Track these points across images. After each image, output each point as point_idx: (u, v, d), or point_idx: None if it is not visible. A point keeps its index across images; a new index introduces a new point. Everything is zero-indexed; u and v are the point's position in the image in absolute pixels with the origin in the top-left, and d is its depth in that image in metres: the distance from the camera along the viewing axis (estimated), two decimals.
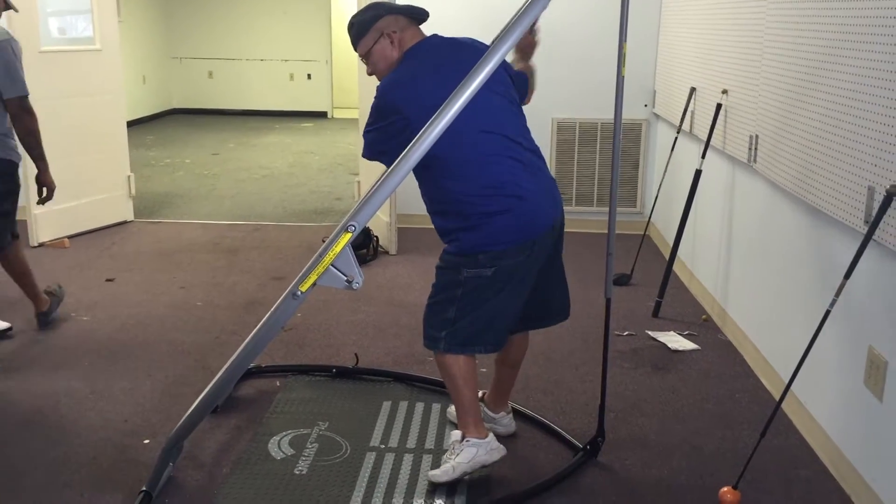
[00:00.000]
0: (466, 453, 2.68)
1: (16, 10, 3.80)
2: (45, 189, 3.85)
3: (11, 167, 3.74)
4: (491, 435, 2.75)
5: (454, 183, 2.57)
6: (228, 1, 12.40)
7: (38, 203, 3.96)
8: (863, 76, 2.58)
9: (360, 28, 2.67)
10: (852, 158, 2.64)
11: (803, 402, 3.08)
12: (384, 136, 2.61)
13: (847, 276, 2.46)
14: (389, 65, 2.67)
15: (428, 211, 2.70)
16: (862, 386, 2.64)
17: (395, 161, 2.37)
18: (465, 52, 2.60)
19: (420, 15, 2.71)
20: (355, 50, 2.72)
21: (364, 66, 2.79)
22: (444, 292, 2.65)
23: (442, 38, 2.71)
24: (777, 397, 3.06)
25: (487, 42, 2.69)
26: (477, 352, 2.68)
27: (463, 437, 2.70)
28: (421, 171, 2.55)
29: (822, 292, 2.87)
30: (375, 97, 2.62)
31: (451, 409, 3.12)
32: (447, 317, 2.63)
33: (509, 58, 2.78)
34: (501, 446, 2.75)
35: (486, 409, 2.99)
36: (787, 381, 2.66)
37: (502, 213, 2.54)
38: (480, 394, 3.10)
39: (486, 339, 2.66)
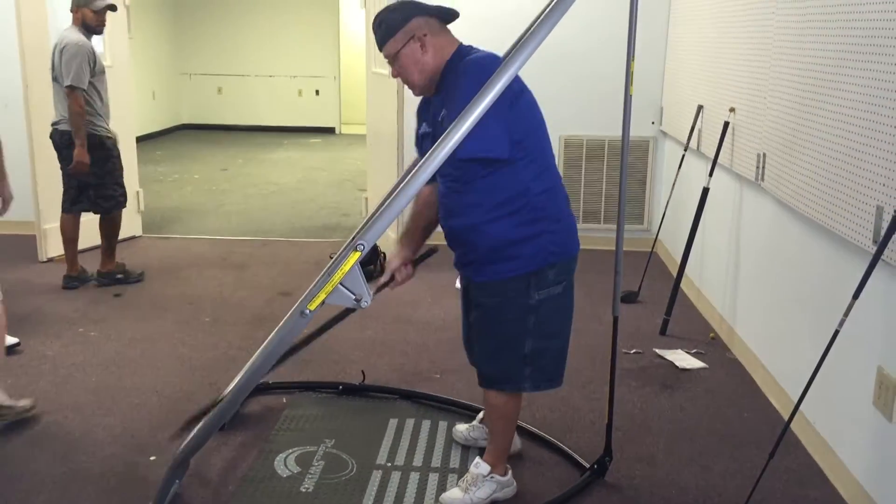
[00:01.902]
0: (487, 489, 2.67)
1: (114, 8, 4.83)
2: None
3: (94, 139, 4.73)
4: (510, 473, 2.75)
5: (533, 180, 2.41)
6: (238, 18, 12.49)
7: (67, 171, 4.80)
8: (870, 95, 2.59)
9: (388, 28, 2.46)
10: (860, 178, 2.64)
11: (812, 421, 3.06)
12: (520, 116, 2.38)
13: (856, 296, 2.45)
14: (422, 72, 2.46)
15: (478, 223, 2.43)
16: (871, 406, 2.63)
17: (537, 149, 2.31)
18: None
19: (450, 16, 2.52)
20: (381, 50, 2.53)
21: (373, 83, 2.78)
22: (514, 327, 2.48)
23: (469, 46, 2.53)
24: (786, 417, 3.04)
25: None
26: (558, 385, 2.63)
27: (489, 473, 2.69)
28: (487, 168, 2.34)
29: (831, 312, 2.86)
30: (487, 75, 2.20)
31: (458, 428, 3.11)
32: (525, 352, 2.49)
33: None
34: (515, 484, 2.76)
35: (486, 428, 2.96)
36: (795, 401, 2.64)
37: (566, 219, 2.51)
38: (481, 415, 3.10)
39: (563, 369, 2.61)
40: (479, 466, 2.70)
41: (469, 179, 2.42)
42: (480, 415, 3.10)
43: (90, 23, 4.72)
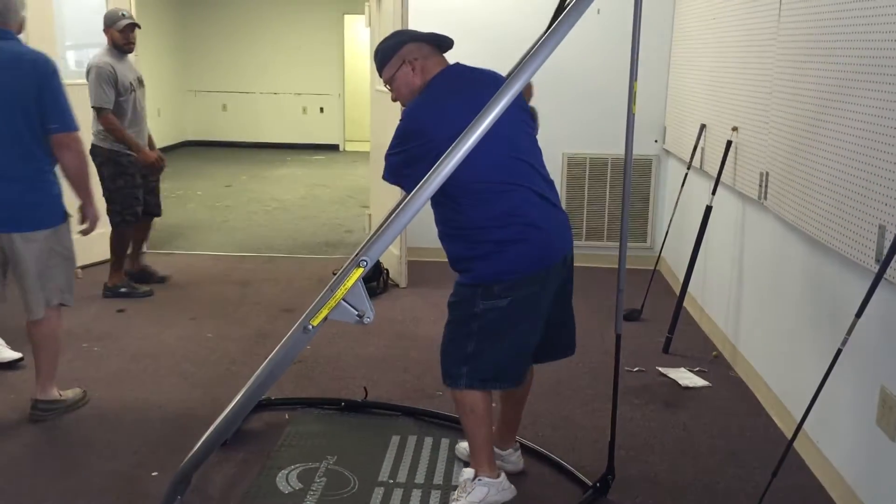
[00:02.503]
0: (478, 492, 2.66)
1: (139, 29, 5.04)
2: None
3: (109, 153, 4.89)
4: (503, 475, 2.73)
5: (472, 209, 2.56)
6: (243, 35, 12.58)
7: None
8: (873, 115, 2.60)
9: (383, 55, 2.72)
10: (863, 197, 2.65)
11: (815, 441, 3.05)
12: (408, 160, 2.60)
13: (858, 314, 2.45)
14: (412, 91, 2.69)
15: (440, 236, 2.70)
16: (874, 425, 2.62)
17: (415, 186, 2.37)
18: (487, 81, 2.63)
19: (444, 43, 2.73)
20: (380, 76, 2.78)
21: (377, 100, 2.84)
22: (461, 327, 2.63)
23: (464, 66, 2.74)
24: (789, 436, 3.03)
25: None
26: (498, 388, 2.67)
27: (475, 476, 2.68)
28: (438, 195, 2.48)
29: (834, 330, 2.86)
30: (401, 120, 2.65)
31: (460, 445, 3.10)
32: (466, 352, 2.61)
33: None
34: (512, 486, 2.74)
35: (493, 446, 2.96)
36: (798, 420, 2.64)
37: (518, 242, 2.54)
38: None
39: (507, 375, 2.64)
40: (464, 473, 2.73)
41: (433, 198, 2.53)
42: None
43: (118, 42, 4.91)
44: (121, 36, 4.89)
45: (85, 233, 3.52)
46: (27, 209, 3.24)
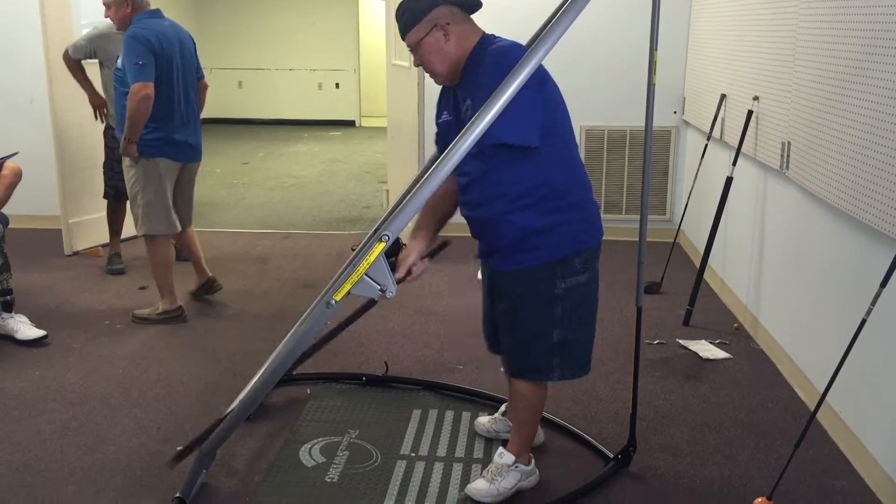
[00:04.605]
0: (512, 478, 2.67)
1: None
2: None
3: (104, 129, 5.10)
4: (533, 462, 2.76)
5: (557, 171, 2.42)
6: (258, 12, 12.53)
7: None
8: None
9: (411, 17, 2.45)
10: (888, 165, 2.61)
11: (839, 412, 3.04)
12: (546, 104, 2.38)
13: (883, 284, 2.43)
14: (445, 59, 2.45)
15: (502, 213, 2.44)
16: None
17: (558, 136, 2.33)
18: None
19: (474, 5, 2.51)
20: (403, 39, 2.51)
21: (393, 75, 2.77)
22: (541, 317, 2.49)
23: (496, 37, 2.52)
24: (811, 407, 3.02)
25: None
26: (587, 373, 2.65)
27: (514, 462, 2.69)
28: (512, 157, 2.34)
29: (858, 301, 2.83)
30: (512, 64, 2.24)
31: (479, 420, 3.11)
32: (553, 342, 2.50)
33: None
34: (538, 473, 2.77)
35: (510, 420, 2.94)
36: (821, 391, 2.63)
37: (591, 207, 2.52)
38: (503, 407, 3.10)
39: (591, 356, 2.63)
40: (504, 456, 2.70)
41: (492, 168, 2.42)
42: (503, 407, 3.11)
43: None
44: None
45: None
46: None
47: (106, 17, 4.39)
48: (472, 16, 2.54)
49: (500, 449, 2.74)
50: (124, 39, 4.06)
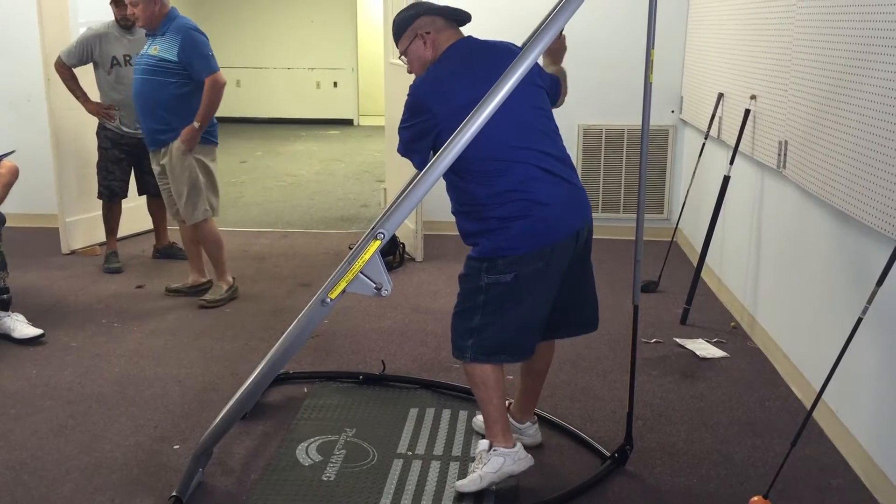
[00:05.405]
0: (494, 463, 2.67)
1: None
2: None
3: (98, 127, 5.12)
4: (518, 444, 2.74)
5: (476, 186, 2.57)
6: (256, 11, 12.52)
7: None
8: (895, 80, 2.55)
9: (398, 28, 2.73)
10: (884, 164, 2.61)
11: (835, 410, 3.04)
12: (415, 135, 2.64)
13: (879, 282, 2.43)
14: (423, 65, 2.70)
15: (453, 211, 2.71)
16: (895, 395, 2.61)
17: (424, 162, 2.38)
18: (498, 55, 2.60)
19: (460, 16, 2.72)
20: (397, 48, 2.80)
21: (391, 74, 2.83)
22: (468, 300, 2.65)
23: (476, 40, 2.72)
24: (808, 406, 3.03)
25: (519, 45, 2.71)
26: (503, 361, 2.68)
27: (490, 447, 2.69)
28: (448, 171, 2.52)
29: (854, 299, 2.84)
30: (408, 95, 2.66)
31: (477, 418, 3.12)
32: (472, 325, 2.63)
33: (540, 62, 2.78)
34: (529, 456, 2.74)
35: (511, 419, 2.95)
36: (818, 390, 2.63)
37: (521, 218, 2.54)
38: (507, 403, 3.10)
39: (513, 349, 2.65)
40: (479, 444, 2.74)
41: (444, 176, 2.59)
42: None
43: (115, 16, 4.95)
44: (114, 10, 4.91)
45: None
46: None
47: (129, 14, 4.58)
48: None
49: (479, 440, 2.78)
50: (187, 32, 4.27)
